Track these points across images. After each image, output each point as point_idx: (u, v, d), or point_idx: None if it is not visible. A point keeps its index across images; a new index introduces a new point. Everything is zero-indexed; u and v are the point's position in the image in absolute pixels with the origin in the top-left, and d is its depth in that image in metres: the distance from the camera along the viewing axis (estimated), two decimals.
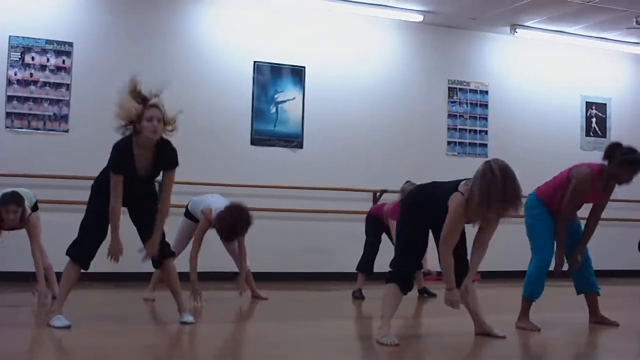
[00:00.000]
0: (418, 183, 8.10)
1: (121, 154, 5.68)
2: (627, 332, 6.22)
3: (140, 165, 5.68)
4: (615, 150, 6.08)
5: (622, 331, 6.20)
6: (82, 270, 5.80)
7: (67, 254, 5.75)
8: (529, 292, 6.09)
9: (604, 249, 12.02)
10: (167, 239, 6.00)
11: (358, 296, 8.15)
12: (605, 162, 6.10)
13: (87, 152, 9.13)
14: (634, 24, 10.29)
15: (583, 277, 6.27)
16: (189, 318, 5.86)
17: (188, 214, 7.62)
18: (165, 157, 5.72)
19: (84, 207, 8.97)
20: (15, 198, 6.81)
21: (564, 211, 6.07)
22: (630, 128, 12.68)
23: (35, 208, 7.28)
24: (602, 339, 6.03)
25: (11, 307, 7.11)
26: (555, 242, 6.12)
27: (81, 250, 5.75)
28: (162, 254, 5.88)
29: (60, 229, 8.97)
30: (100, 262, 6.13)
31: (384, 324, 5.23)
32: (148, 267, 6.19)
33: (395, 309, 5.30)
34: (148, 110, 5.62)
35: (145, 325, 6.12)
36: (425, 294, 8.37)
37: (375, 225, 8.35)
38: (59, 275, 7.17)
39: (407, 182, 8.23)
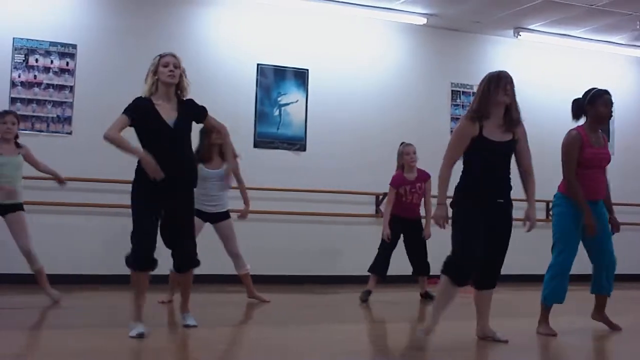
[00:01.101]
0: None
1: (139, 102, 5.59)
2: (632, 337, 6.22)
3: (165, 115, 5.54)
4: (578, 103, 6.64)
5: (627, 336, 6.20)
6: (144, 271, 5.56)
7: (128, 266, 5.51)
8: (543, 296, 6.09)
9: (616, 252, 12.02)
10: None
11: (364, 298, 8.11)
12: (582, 120, 6.49)
13: (91, 154, 9.14)
14: (638, 27, 10.28)
15: (603, 277, 6.25)
16: (191, 321, 5.88)
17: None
18: (193, 108, 5.74)
19: (88, 209, 9.06)
20: (14, 112, 7.58)
21: (567, 176, 6.14)
22: (634, 131, 12.69)
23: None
24: (608, 344, 6.02)
25: (9, 309, 7.11)
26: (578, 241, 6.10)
27: (139, 256, 5.45)
28: (191, 265, 5.84)
29: (64, 230, 9.03)
30: (106, 265, 6.16)
31: (429, 321, 5.37)
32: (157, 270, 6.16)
33: (445, 306, 5.35)
34: (164, 58, 5.66)
35: (149, 328, 6.11)
36: (428, 297, 8.33)
37: (395, 224, 8.23)
38: (54, 276, 7.17)
39: (402, 143, 8.37)
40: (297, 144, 10.39)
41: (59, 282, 8.36)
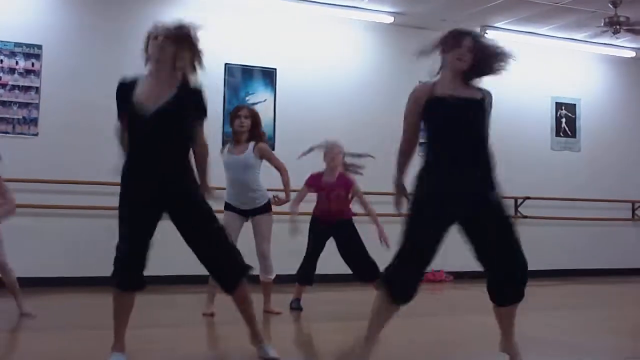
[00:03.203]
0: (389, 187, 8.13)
1: (121, 83, 4.51)
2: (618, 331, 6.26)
3: (144, 94, 4.36)
4: None
5: (614, 330, 6.24)
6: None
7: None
8: None
9: (584, 248, 12.15)
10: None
11: (295, 306, 7.50)
12: None
13: (57, 155, 9.09)
14: (602, 25, 10.37)
15: None
16: (271, 352, 4.70)
17: None
18: (192, 95, 4.50)
19: (55, 210, 8.98)
20: None
21: None
22: (599, 128, 12.81)
23: None
24: (588, 338, 6.06)
25: None
26: None
27: (115, 270, 4.51)
28: (234, 280, 4.63)
29: (29, 233, 8.93)
30: (73, 267, 6.06)
31: (363, 344, 4.33)
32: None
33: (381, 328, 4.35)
34: (155, 29, 4.56)
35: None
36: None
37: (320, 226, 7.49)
38: (20, 279, 7.07)
39: (326, 141, 7.68)
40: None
41: (25, 285, 8.29)
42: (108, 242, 5.82)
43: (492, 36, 11.54)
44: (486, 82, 4.98)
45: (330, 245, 7.53)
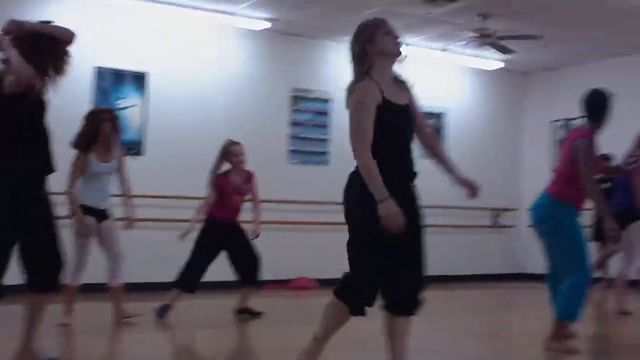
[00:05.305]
0: (260, 192, 8.02)
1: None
2: None
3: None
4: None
5: (472, 335, 6.33)
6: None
7: None
8: (568, 313, 5.50)
9: (445, 254, 12.43)
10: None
11: (161, 314, 7.33)
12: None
13: None
14: (470, 37, 10.64)
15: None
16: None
17: None
18: None
19: None
20: None
21: (586, 176, 5.51)
22: (466, 138, 13.17)
23: None
24: (446, 344, 6.16)
25: None
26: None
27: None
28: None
29: None
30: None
31: (312, 344, 4.27)
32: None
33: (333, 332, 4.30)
34: None
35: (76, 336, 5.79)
36: (248, 313, 7.57)
37: (215, 230, 7.50)
38: None
39: (228, 140, 7.80)
40: (133, 148, 10.18)
41: None
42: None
43: None
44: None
45: None
